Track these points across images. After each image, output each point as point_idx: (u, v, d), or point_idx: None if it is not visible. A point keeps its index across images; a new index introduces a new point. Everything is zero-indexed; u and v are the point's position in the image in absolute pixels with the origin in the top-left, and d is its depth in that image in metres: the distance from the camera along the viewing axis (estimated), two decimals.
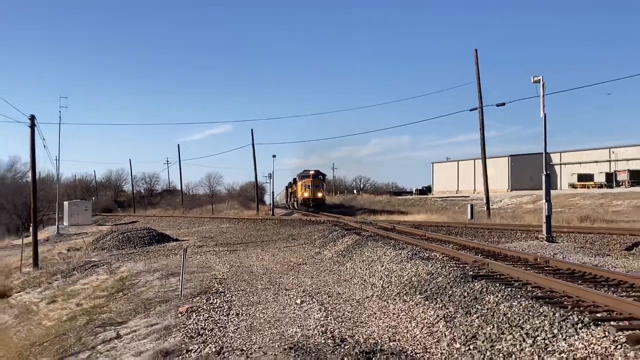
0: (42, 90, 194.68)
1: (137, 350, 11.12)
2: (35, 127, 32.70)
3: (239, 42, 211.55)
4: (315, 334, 10.29)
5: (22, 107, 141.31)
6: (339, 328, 10.62)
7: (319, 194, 68.12)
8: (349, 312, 12.03)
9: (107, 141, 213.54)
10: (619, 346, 7.08)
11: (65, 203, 65.90)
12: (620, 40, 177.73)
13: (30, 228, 34.83)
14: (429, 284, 12.59)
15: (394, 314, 11.52)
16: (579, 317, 8.27)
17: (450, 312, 10.43)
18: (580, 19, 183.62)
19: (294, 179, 79.85)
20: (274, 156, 79.55)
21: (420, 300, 11.81)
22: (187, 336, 10.99)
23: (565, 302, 9.58)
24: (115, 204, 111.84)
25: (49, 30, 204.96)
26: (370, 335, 10.08)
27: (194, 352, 9.97)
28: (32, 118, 32.77)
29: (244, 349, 9.73)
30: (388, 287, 13.77)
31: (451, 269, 13.49)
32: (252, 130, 74.16)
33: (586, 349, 7.25)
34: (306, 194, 67.30)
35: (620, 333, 7.45)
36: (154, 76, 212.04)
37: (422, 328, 10.18)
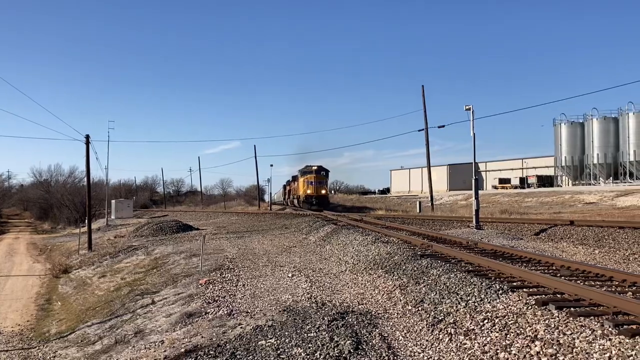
0: (92, 111, 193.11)
1: (168, 313, 11.04)
2: (90, 144, 32.61)
3: (241, 77, 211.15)
4: (303, 299, 10.26)
5: (77, 126, 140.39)
6: (320, 295, 10.60)
7: (323, 191, 50.29)
8: (328, 283, 12.01)
9: (144, 153, 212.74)
10: (530, 307, 7.13)
11: (113, 201, 65.40)
12: (529, 75, 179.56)
13: (86, 220, 34.58)
14: (388, 261, 12.60)
15: (362, 284, 11.51)
16: (500, 285, 8.31)
17: (404, 282, 10.44)
18: (493, 65, 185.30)
19: (294, 177, 60.45)
20: (271, 165, 79.19)
21: (381, 273, 11.81)
22: (206, 302, 10.93)
23: (489, 275, 9.62)
24: (151, 202, 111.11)
25: (101, 68, 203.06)
26: (344, 300, 10.07)
27: (210, 314, 9.92)
28: (87, 137, 32.67)
29: (249, 311, 9.69)
30: (357, 263, 13.77)
31: (405, 249, 13.51)
32: (254, 146, 73.60)
33: (505, 310, 7.29)
34: (309, 191, 49.78)
35: (530, 297, 7.50)
36: (181, 105, 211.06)
37: (383, 294, 10.18)
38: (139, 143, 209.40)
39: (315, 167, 50.15)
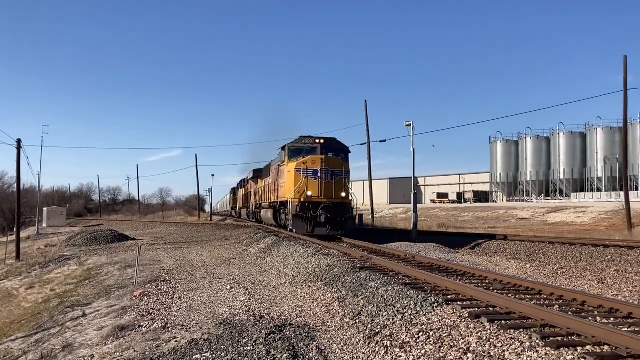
0: (27, 116, 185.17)
1: (99, 326, 10.63)
2: (21, 148, 31.32)
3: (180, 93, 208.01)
4: (241, 312, 10.13)
5: (12, 132, 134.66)
6: (259, 308, 10.49)
7: (342, 193, 21.59)
8: (267, 295, 11.91)
9: (81, 160, 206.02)
10: (463, 320, 7.29)
11: (45, 209, 62.91)
12: (467, 96, 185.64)
13: (14, 228, 33.03)
14: (327, 274, 12.61)
15: (301, 296, 11.48)
16: (435, 298, 8.47)
17: (343, 294, 10.47)
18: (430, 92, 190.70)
19: (256, 172, 35.51)
20: (212, 175, 78.60)
21: (321, 286, 11.82)
22: (140, 315, 10.60)
23: (426, 288, 9.79)
24: (86, 210, 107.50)
25: (35, 66, 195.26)
26: (283, 313, 10.00)
27: (144, 327, 9.63)
28: (19, 141, 31.37)
29: (184, 324, 9.47)
30: (297, 276, 13.72)
31: (344, 262, 13.57)
32: (196, 155, 71.61)
33: (440, 322, 7.42)
34: (310, 192, 21.16)
35: (464, 310, 7.68)
36: (119, 112, 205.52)
37: (321, 307, 10.18)
38: (75, 149, 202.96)
39: (323, 141, 22.40)
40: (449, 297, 8.82)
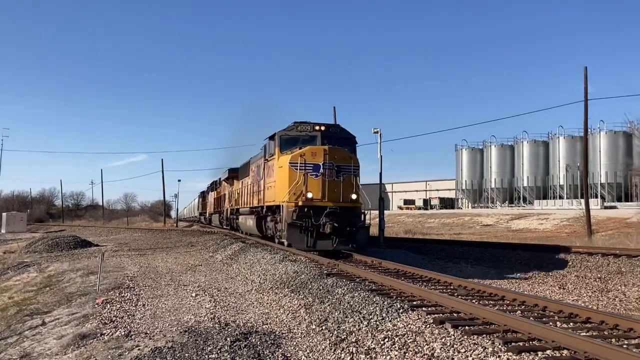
0: None
1: (59, 335, 10.37)
2: None
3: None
4: (206, 319, 10.01)
5: None
6: (224, 315, 10.38)
7: (352, 195, 16.64)
8: (233, 302, 11.80)
9: (42, 164, 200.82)
10: (428, 326, 7.37)
11: (4, 214, 61.13)
12: (434, 102, 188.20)
13: None
14: (294, 280, 12.57)
15: (267, 303, 11.42)
16: (401, 304, 8.53)
17: (309, 301, 10.46)
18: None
19: (242, 167, 27.42)
20: (179, 180, 77.03)
21: (287, 292, 11.78)
22: (102, 322, 10.38)
23: (391, 294, 9.84)
24: (47, 216, 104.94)
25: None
26: (249, 320, 9.93)
27: (106, 335, 9.43)
28: None
29: (148, 332, 9.31)
30: (264, 282, 13.65)
31: (312, 268, 13.55)
32: (162, 159, 70.45)
33: (405, 328, 7.47)
34: (310, 194, 16.31)
35: (429, 316, 7.76)
36: (83, 114, 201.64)
37: (288, 314, 10.14)
38: (37, 153, 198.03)
39: (324, 128, 17.74)
40: (415, 303, 8.90)
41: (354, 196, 16.63)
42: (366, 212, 17.33)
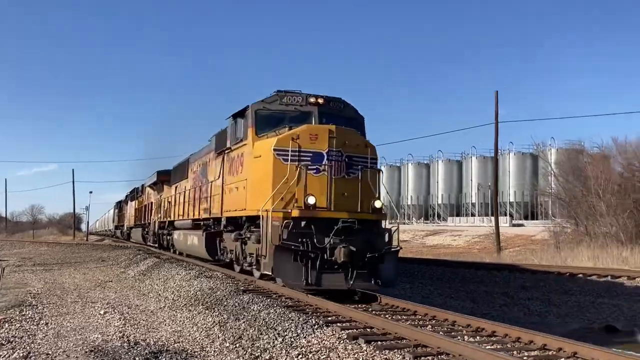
0: None
1: None
2: None
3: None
4: (114, 338, 9.59)
5: None
6: (134, 333, 9.99)
7: (374, 201, 11.64)
8: (144, 320, 11.38)
9: None
10: (342, 341, 7.44)
11: None
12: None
13: None
14: (210, 297, 12.33)
15: (180, 321, 11.10)
16: (316, 320, 8.56)
17: (224, 318, 10.28)
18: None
19: (178, 167, 21.93)
20: (90, 192, 73.80)
21: (202, 309, 11.52)
22: None
23: (307, 310, 9.86)
24: None
25: None
26: (160, 338, 9.61)
27: (2, 357, 8.81)
28: None
29: (50, 353, 8.78)
30: (178, 299, 13.28)
31: (228, 285, 13.33)
32: (73, 170, 67.64)
33: (319, 344, 7.51)
34: (314, 198, 10.60)
35: (343, 332, 7.84)
36: None
37: (201, 332, 9.91)
38: None
39: (322, 100, 11.95)
40: (329, 318, 8.97)
41: (377, 204, 11.81)
42: (393, 227, 12.39)
